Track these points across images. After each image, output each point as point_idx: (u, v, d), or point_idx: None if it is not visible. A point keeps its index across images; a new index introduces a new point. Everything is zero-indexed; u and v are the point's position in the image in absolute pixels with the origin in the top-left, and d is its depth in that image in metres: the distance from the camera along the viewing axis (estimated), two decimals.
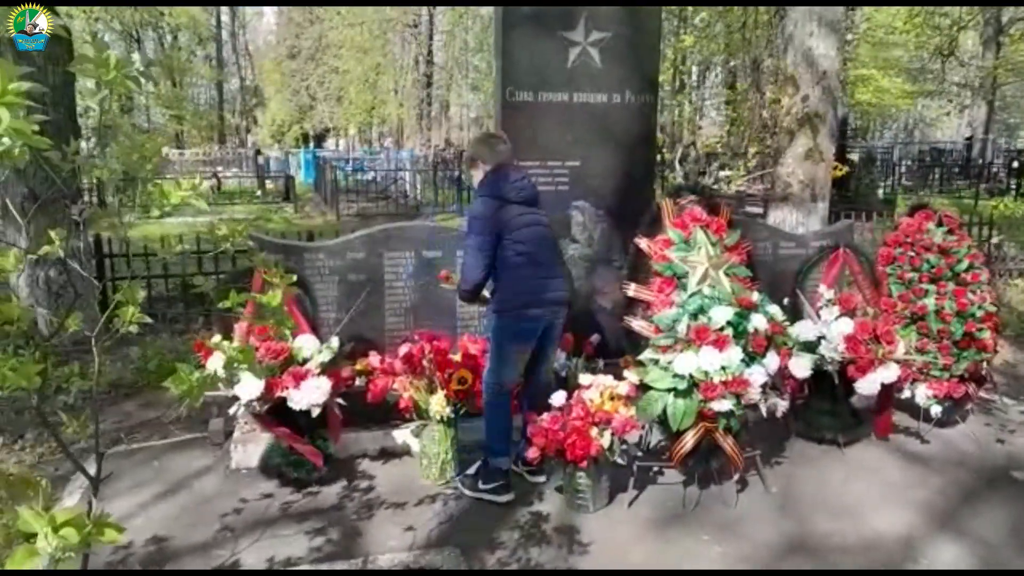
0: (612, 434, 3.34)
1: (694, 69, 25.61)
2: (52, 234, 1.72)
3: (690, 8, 11.01)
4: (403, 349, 3.84)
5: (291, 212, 15.63)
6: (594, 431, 3.32)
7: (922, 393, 4.18)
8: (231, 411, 3.64)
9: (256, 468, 3.78)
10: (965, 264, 4.42)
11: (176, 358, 4.29)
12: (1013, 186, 17.04)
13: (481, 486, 3.53)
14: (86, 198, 11.97)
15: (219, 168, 21.56)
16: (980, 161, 20.37)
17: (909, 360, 4.10)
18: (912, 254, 4.48)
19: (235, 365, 1.88)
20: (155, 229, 5.85)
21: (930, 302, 4.36)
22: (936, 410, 4.16)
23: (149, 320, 1.79)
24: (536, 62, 4.42)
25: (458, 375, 3.72)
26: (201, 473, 3.83)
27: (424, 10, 27.38)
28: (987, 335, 4.33)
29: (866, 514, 3.45)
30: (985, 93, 22.51)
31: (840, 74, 7.09)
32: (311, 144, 32.67)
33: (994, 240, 7.60)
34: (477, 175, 3.60)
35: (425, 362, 3.73)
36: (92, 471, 1.87)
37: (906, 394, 4.22)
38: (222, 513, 3.42)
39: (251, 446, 3.82)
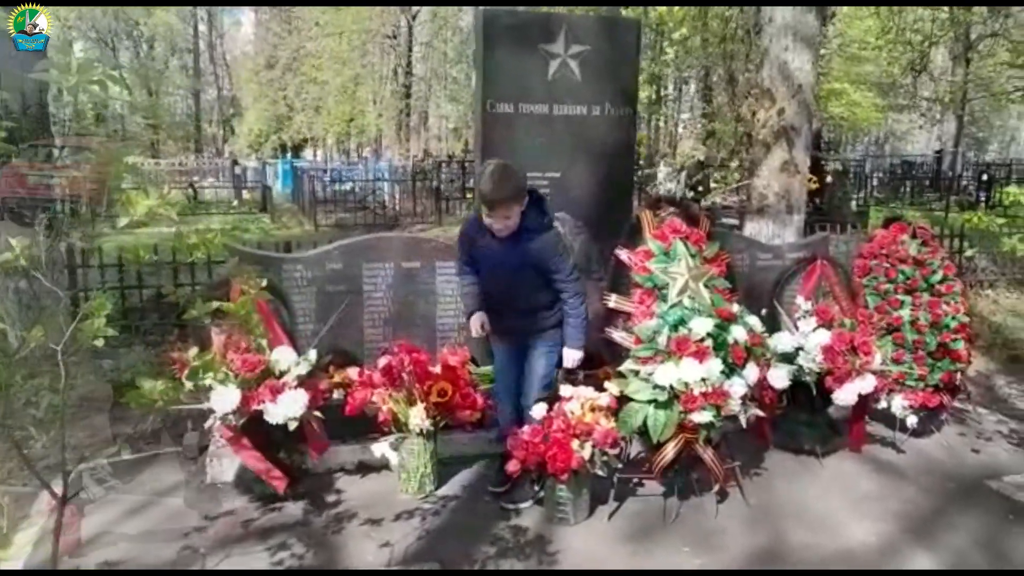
0: (593, 446, 3.33)
1: (671, 84, 25.87)
2: (13, 242, 1.68)
3: (669, 23, 11.12)
4: (382, 361, 3.80)
5: (268, 222, 15.50)
6: (575, 443, 3.31)
7: (898, 403, 4.22)
8: (206, 425, 3.58)
9: (231, 482, 3.72)
10: (939, 275, 4.48)
11: (150, 371, 4.22)
12: (982, 198, 17.35)
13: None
14: (58, 207, 11.76)
15: (195, 178, 21.35)
16: (950, 174, 20.71)
17: (885, 371, 4.14)
18: (888, 266, 4.54)
19: (200, 375, 1.85)
20: (129, 239, 5.78)
21: (905, 313, 4.41)
22: (912, 420, 4.20)
23: (113, 333, 1.74)
24: (516, 74, 4.43)
25: (438, 387, 3.69)
26: (175, 488, 3.75)
27: (403, 21, 27.44)
28: (961, 346, 4.39)
29: (843, 525, 3.47)
30: (955, 108, 22.93)
31: (814, 88, 7.17)
32: (289, 154, 32.50)
33: (968, 252, 7.72)
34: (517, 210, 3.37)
35: (404, 374, 3.70)
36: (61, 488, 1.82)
37: (882, 404, 4.25)
38: (195, 528, 3.36)
39: (226, 460, 3.75)
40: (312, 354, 3.73)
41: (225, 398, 3.35)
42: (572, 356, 3.57)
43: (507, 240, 3.39)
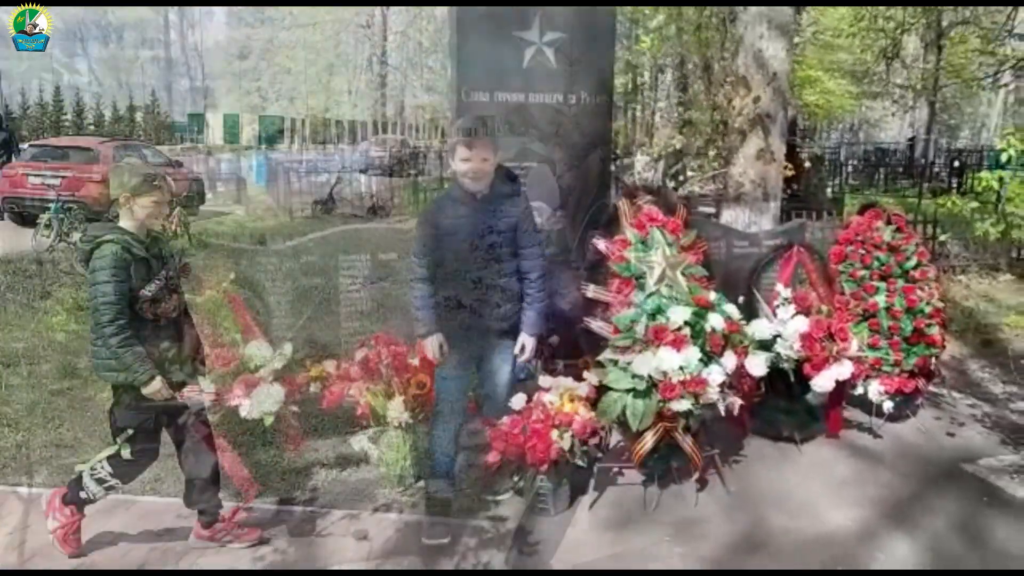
0: (573, 436, 3.32)
1: (647, 73, 25.86)
2: None
3: (645, 11, 11.10)
4: (359, 354, 3.76)
5: (243, 214, 15.31)
6: (554, 434, 3.29)
7: (874, 389, 4.25)
8: (180, 421, 3.51)
9: (208, 478, 3.65)
10: (914, 261, 4.51)
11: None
12: (954, 185, 17.57)
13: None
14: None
15: (170, 170, 21.00)
16: (923, 161, 20.95)
17: (862, 357, 4.16)
18: (863, 252, 4.56)
19: (168, 368, 1.81)
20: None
21: (881, 299, 4.45)
22: (888, 405, 4.23)
23: (75, 326, 1.71)
24: (491, 62, 4.39)
25: (416, 380, 3.66)
26: (151, 485, 3.69)
27: (377, 10, 27.17)
28: (935, 331, 4.43)
29: (823, 511, 3.49)
30: (927, 95, 23.16)
31: (789, 76, 7.20)
32: (263, 145, 32.12)
33: (941, 238, 7.81)
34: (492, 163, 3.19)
35: (382, 367, 3.66)
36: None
37: (859, 390, 4.28)
38: (171, 527, 3.30)
39: (203, 456, 3.69)
40: (288, 348, 3.68)
41: (199, 393, 3.29)
42: (529, 344, 3.26)
43: (479, 206, 3.16)
